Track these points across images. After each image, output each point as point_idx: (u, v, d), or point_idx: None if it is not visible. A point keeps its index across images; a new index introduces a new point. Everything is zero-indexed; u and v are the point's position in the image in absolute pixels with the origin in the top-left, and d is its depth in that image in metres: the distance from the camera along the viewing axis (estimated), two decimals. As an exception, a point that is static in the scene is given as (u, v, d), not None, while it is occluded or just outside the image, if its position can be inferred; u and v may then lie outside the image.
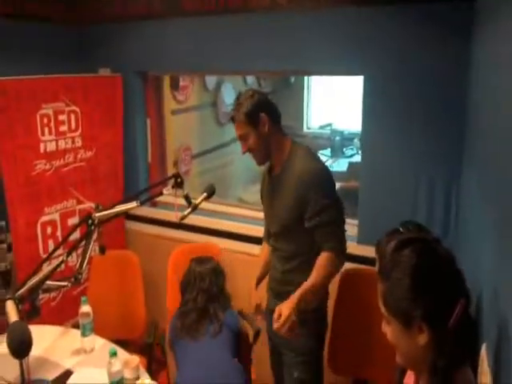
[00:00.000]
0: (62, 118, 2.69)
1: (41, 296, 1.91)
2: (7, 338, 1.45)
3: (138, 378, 1.83)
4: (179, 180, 1.84)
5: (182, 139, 4.12)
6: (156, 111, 3.24)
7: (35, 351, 1.80)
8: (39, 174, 2.61)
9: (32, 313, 1.72)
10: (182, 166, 4.13)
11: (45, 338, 2.07)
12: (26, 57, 2.70)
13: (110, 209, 1.82)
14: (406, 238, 0.98)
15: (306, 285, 1.79)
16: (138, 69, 2.98)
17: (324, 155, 5.37)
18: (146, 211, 3.17)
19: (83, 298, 2.02)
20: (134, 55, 2.94)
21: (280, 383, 2.15)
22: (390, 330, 0.99)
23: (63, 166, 2.74)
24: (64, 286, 1.94)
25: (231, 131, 4.80)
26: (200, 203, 1.94)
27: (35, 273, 1.82)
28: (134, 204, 1.82)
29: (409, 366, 1.08)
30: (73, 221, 2.82)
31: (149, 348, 2.49)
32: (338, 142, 5.47)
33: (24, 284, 1.71)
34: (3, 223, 2.58)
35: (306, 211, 1.81)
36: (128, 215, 3.17)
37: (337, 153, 5.40)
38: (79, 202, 2.86)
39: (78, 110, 2.76)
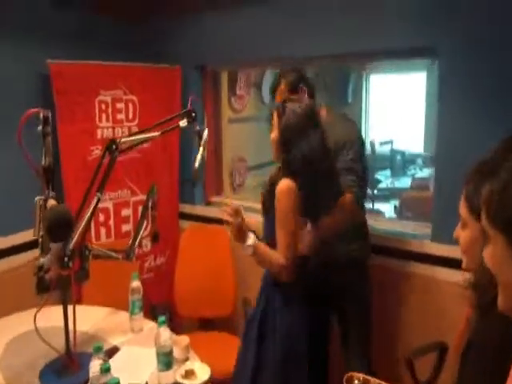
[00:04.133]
0: (119, 106, 2.67)
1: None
2: (44, 220, 1.41)
3: (187, 360, 1.61)
4: (194, 114, 1.74)
5: (237, 149, 4.03)
6: (213, 112, 3.17)
7: (82, 327, 1.69)
8: (95, 160, 2.55)
9: (81, 274, 1.58)
10: (236, 177, 4.02)
11: (93, 317, 1.93)
12: (88, 45, 2.71)
13: (132, 135, 1.72)
14: None
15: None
16: (197, 62, 2.93)
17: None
18: (200, 210, 3.04)
19: (134, 274, 1.86)
20: (193, 48, 2.90)
21: None
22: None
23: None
24: (114, 257, 1.79)
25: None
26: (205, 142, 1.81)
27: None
28: (156, 133, 1.70)
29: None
30: (126, 212, 2.72)
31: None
32: (400, 162, 5.24)
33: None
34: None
35: None
36: (182, 214, 3.06)
37: (397, 172, 5.15)
38: (133, 194, 2.78)
39: (135, 99, 2.73)
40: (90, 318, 1.91)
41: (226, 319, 2.73)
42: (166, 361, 1.49)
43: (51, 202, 1.42)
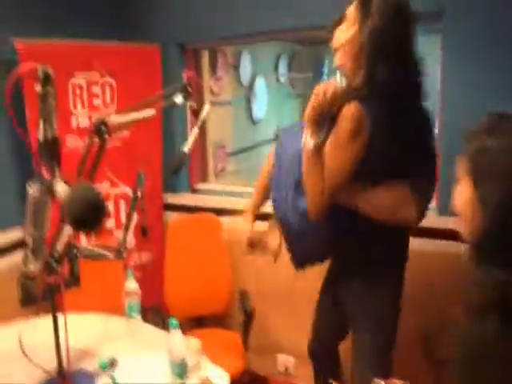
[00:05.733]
0: (95, 89, 2.43)
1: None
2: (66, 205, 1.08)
3: (199, 365, 1.46)
4: (189, 90, 1.57)
5: (217, 135, 3.84)
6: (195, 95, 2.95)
7: (73, 340, 1.47)
8: (71, 151, 2.32)
9: (71, 281, 1.39)
10: (217, 163, 3.84)
11: (84, 326, 1.73)
12: (58, 19, 2.44)
13: (124, 113, 1.51)
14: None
15: None
16: (177, 40, 2.71)
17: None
18: (185, 199, 2.86)
19: (128, 272, 1.68)
20: (172, 24, 2.68)
21: None
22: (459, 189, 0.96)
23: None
24: (105, 256, 1.61)
25: (264, 131, 4.65)
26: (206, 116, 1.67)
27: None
28: (152, 111, 1.52)
29: None
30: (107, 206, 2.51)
31: (245, 324, 2.27)
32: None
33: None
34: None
35: None
36: (166, 205, 2.86)
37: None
38: (113, 185, 2.55)
39: (113, 82, 2.50)
40: (80, 328, 1.69)
41: (223, 315, 2.58)
42: (180, 370, 1.34)
43: (61, 187, 1.14)
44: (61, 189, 1.10)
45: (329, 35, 1.48)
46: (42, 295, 1.27)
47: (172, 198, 2.87)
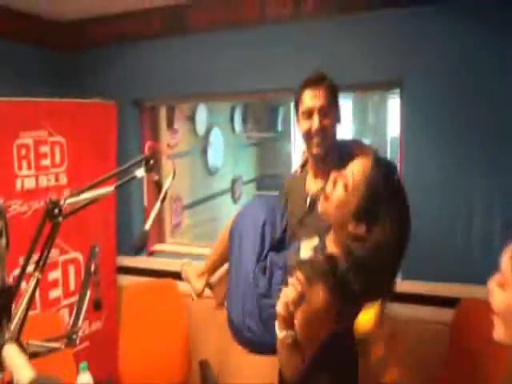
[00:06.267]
0: (44, 149, 2.25)
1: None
2: None
3: None
4: (151, 162, 1.46)
5: (173, 187, 3.70)
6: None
7: None
8: (14, 218, 2.10)
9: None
10: (173, 218, 3.68)
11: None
12: (6, 80, 2.30)
13: (80, 193, 1.37)
14: None
15: None
16: (133, 97, 2.61)
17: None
18: (141, 261, 2.67)
19: (82, 365, 1.48)
20: (128, 81, 2.58)
21: None
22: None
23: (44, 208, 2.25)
24: (56, 349, 1.41)
25: (220, 182, 4.57)
26: (167, 188, 1.53)
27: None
28: (110, 188, 1.40)
29: None
30: (55, 274, 2.28)
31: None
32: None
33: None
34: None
35: None
36: (120, 268, 2.67)
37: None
38: (63, 252, 2.34)
39: (63, 141, 2.33)
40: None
41: (182, 387, 2.38)
42: None
43: (10, 350, 0.90)
44: (11, 354, 0.87)
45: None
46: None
47: (126, 261, 2.68)
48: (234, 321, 1.52)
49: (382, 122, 5.23)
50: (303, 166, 1.71)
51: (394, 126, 4.81)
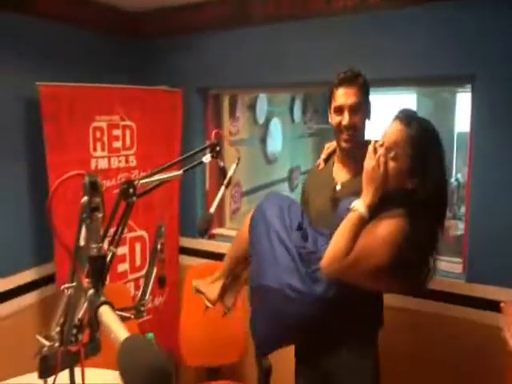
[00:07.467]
0: (116, 133, 2.41)
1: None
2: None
3: None
4: (218, 149, 1.55)
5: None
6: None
7: None
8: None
9: (92, 347, 1.30)
10: (231, 203, 3.78)
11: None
12: (85, 67, 2.47)
13: (152, 175, 1.46)
14: None
15: None
16: (199, 85, 2.70)
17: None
18: (201, 244, 2.79)
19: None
20: (194, 70, 2.68)
21: None
22: None
23: (115, 187, 2.41)
24: (126, 318, 1.52)
25: (278, 171, 4.62)
26: (232, 174, 1.64)
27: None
28: (179, 172, 1.49)
29: None
30: (122, 250, 2.45)
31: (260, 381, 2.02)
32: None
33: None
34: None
35: None
36: (182, 248, 2.80)
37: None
38: (130, 230, 2.50)
39: (133, 125, 2.48)
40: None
41: (236, 366, 2.47)
42: None
43: (106, 311, 0.96)
44: (107, 314, 0.95)
45: None
46: (61, 365, 1.19)
47: (188, 242, 2.81)
48: (272, 287, 1.51)
49: (448, 116, 5.04)
50: (327, 159, 1.81)
51: (460, 121, 4.62)
